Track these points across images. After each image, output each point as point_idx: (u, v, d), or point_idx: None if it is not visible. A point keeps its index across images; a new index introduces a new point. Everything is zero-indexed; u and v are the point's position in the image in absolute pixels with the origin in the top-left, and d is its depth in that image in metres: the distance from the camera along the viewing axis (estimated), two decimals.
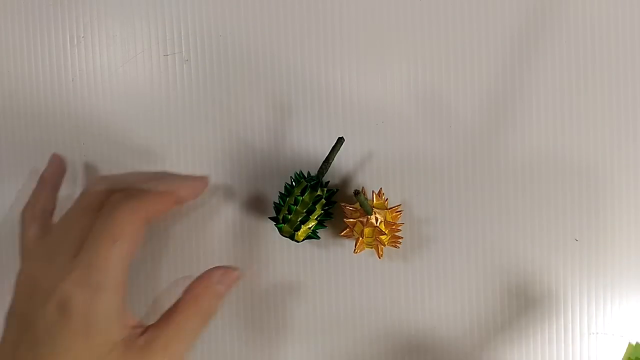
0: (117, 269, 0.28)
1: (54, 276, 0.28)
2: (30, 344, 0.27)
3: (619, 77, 0.36)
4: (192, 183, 0.33)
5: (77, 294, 0.27)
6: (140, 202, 0.29)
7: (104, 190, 0.31)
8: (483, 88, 0.36)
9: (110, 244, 0.28)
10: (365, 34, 0.36)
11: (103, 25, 0.38)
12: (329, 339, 0.37)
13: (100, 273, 0.27)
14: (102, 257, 0.27)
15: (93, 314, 0.27)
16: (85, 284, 0.27)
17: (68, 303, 0.27)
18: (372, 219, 0.33)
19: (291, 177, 0.35)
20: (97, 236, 0.28)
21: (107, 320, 0.27)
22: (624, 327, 0.36)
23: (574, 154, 0.36)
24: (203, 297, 0.30)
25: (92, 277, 0.27)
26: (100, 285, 0.27)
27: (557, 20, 0.36)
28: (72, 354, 0.26)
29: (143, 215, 0.29)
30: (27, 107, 0.38)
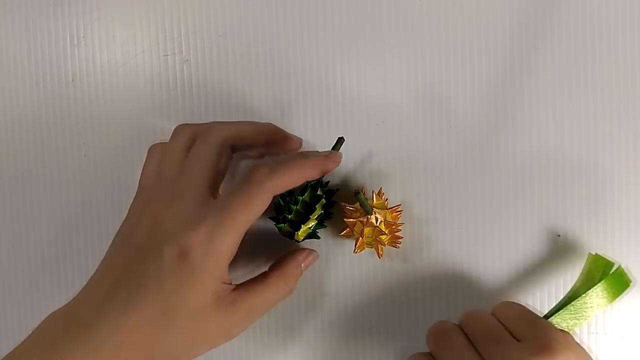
0: (238, 237, 0.30)
1: (178, 225, 0.29)
2: (138, 276, 0.29)
3: (619, 77, 0.36)
4: (324, 160, 0.33)
5: (197, 251, 0.28)
6: (278, 180, 0.30)
7: (225, 137, 0.32)
8: (483, 88, 0.36)
9: (240, 216, 0.29)
10: (365, 34, 0.36)
11: (103, 25, 0.38)
12: (328, 338, 0.37)
13: (222, 239, 0.29)
14: (228, 226, 0.29)
15: (203, 271, 0.29)
16: (207, 245, 0.29)
17: (187, 255, 0.28)
18: (372, 219, 0.33)
19: None
20: (231, 204, 0.29)
21: (212, 278, 0.29)
22: (624, 327, 0.36)
23: (574, 153, 0.36)
24: (291, 274, 0.33)
25: (215, 241, 0.29)
26: (218, 248, 0.29)
27: (557, 20, 0.36)
28: (173, 298, 0.28)
29: (276, 193, 0.30)
30: (28, 107, 0.38)
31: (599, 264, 0.33)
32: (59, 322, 0.29)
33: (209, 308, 0.29)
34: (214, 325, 0.30)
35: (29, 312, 0.36)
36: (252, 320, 0.32)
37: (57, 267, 0.38)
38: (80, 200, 0.38)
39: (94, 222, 0.38)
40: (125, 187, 0.37)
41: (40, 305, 0.37)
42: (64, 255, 0.38)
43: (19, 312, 0.38)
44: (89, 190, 0.37)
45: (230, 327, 0.31)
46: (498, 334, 0.30)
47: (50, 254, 0.38)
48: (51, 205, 0.38)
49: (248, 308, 0.31)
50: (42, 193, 0.38)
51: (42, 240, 0.38)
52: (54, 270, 0.38)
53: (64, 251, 0.38)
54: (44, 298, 0.32)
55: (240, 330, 0.31)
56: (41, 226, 0.38)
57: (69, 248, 0.38)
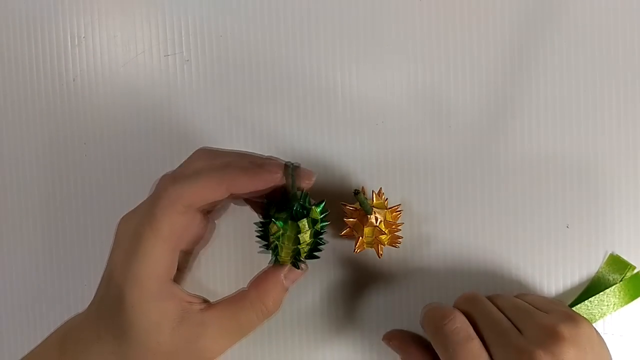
0: (157, 258, 0.28)
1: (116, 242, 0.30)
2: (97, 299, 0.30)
3: (619, 77, 0.36)
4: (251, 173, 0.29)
5: (118, 275, 0.28)
6: (183, 189, 0.28)
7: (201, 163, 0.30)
8: (483, 88, 0.36)
9: (150, 234, 0.28)
10: (365, 34, 0.37)
11: (104, 25, 0.38)
12: (328, 338, 0.37)
13: (138, 264, 0.28)
14: (141, 248, 0.28)
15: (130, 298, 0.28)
16: (126, 270, 0.28)
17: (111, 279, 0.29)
18: (372, 219, 0.33)
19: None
20: (141, 224, 0.28)
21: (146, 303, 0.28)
22: (623, 327, 0.36)
23: (573, 153, 0.36)
24: (270, 295, 0.30)
25: (132, 267, 0.28)
26: (138, 275, 0.28)
27: (557, 20, 0.36)
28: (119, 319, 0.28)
29: (187, 203, 0.28)
30: (29, 107, 0.38)
31: (618, 266, 0.34)
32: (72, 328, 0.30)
33: (169, 328, 0.28)
34: (179, 346, 0.28)
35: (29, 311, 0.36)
36: (227, 346, 0.29)
37: (57, 266, 0.38)
38: (81, 200, 0.38)
39: (95, 222, 0.38)
40: (126, 187, 0.37)
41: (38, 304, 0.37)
42: (64, 255, 0.38)
43: (20, 312, 0.38)
44: (90, 190, 0.37)
45: (200, 352, 0.29)
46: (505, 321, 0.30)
47: (50, 254, 0.38)
48: (52, 205, 0.38)
49: (221, 332, 0.29)
50: (43, 193, 0.38)
51: (43, 240, 0.38)
52: (55, 271, 0.38)
53: (64, 251, 0.38)
54: (43, 298, 0.32)
55: (213, 356, 0.29)
56: (42, 226, 0.38)
57: (69, 248, 0.38)
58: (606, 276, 0.34)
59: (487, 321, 0.29)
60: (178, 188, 0.28)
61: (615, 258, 0.34)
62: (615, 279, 0.34)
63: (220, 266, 0.37)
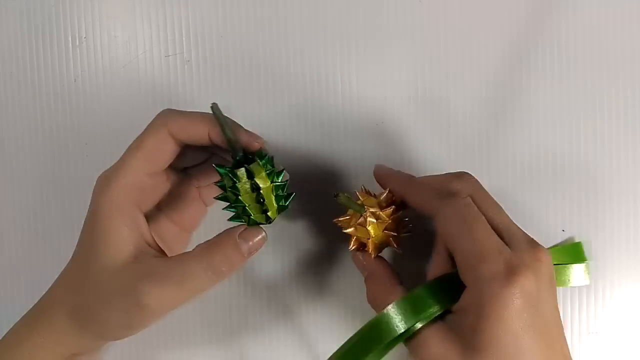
0: (132, 171, 0.30)
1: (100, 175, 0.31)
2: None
3: (618, 77, 0.36)
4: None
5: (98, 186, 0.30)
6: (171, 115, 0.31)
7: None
8: (483, 88, 0.36)
9: (133, 149, 0.30)
10: (366, 35, 0.37)
11: (105, 26, 0.38)
12: (328, 338, 0.37)
13: (116, 171, 0.30)
14: (123, 160, 0.30)
15: (101, 205, 0.30)
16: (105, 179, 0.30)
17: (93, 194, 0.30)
18: (368, 214, 0.31)
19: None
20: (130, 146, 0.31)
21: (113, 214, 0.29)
22: (600, 324, 0.36)
23: (573, 153, 0.36)
24: (219, 248, 0.29)
25: (111, 174, 0.30)
26: (114, 181, 0.30)
27: (557, 20, 0.36)
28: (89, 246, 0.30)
29: (172, 130, 0.30)
30: (30, 108, 0.38)
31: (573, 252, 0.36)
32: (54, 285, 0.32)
33: (123, 258, 0.29)
34: (124, 282, 0.28)
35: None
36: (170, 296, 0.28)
37: (58, 267, 0.38)
38: (82, 200, 0.38)
39: None
40: None
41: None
42: (65, 256, 0.38)
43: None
44: (90, 190, 0.37)
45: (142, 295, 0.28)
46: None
47: (51, 254, 0.38)
48: (52, 205, 0.38)
49: (165, 280, 0.28)
50: (44, 193, 0.38)
51: (43, 240, 0.38)
52: (55, 271, 0.38)
53: (65, 251, 0.38)
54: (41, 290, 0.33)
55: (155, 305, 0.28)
56: (42, 226, 0.38)
57: (70, 247, 0.38)
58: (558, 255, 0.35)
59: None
60: (166, 115, 0.31)
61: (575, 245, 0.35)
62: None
63: None
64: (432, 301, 0.29)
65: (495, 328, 0.27)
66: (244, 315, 0.37)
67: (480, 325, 0.27)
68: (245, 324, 0.37)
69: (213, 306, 0.37)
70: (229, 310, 0.37)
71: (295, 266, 0.37)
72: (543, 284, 0.28)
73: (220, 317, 0.37)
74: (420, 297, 0.29)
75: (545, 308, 0.28)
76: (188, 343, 0.38)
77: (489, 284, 0.27)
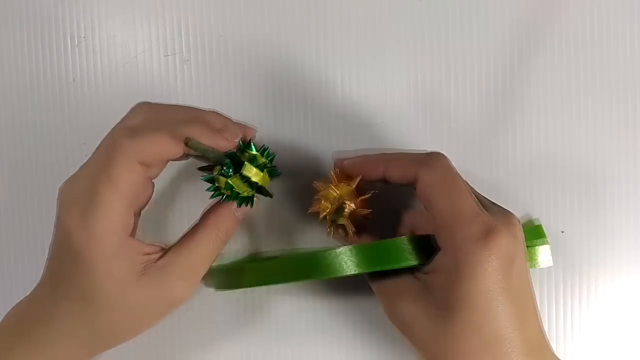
0: (115, 212, 0.28)
1: (65, 204, 0.29)
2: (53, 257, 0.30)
3: (618, 77, 0.36)
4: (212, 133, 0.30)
5: (76, 233, 0.28)
6: (139, 145, 0.28)
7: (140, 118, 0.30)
8: (483, 88, 0.36)
9: (108, 189, 0.28)
10: (365, 35, 0.37)
11: (104, 25, 0.38)
12: (328, 337, 0.37)
13: (97, 219, 0.28)
14: (100, 202, 0.28)
15: (91, 255, 0.28)
16: (84, 227, 0.28)
17: (70, 239, 0.28)
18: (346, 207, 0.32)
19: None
20: (97, 179, 0.28)
21: (107, 259, 0.28)
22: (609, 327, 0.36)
23: (573, 152, 0.36)
24: (222, 221, 0.31)
25: (90, 221, 0.28)
26: (97, 230, 0.28)
27: (557, 20, 0.36)
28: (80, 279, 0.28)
29: (142, 159, 0.28)
30: (28, 107, 0.38)
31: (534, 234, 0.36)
32: (23, 305, 0.30)
33: (132, 283, 0.29)
34: (150, 298, 0.29)
35: None
36: (196, 280, 0.30)
37: None
38: None
39: None
40: None
41: None
42: None
43: None
44: None
45: (172, 294, 0.29)
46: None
47: None
48: (52, 205, 0.38)
49: (185, 269, 0.30)
50: (43, 193, 0.38)
51: (43, 240, 0.38)
52: None
53: None
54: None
55: (184, 294, 0.30)
56: (42, 226, 0.38)
57: None
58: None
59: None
60: (135, 143, 0.28)
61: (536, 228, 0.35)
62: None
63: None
64: (400, 255, 0.29)
65: (470, 287, 0.27)
66: (242, 316, 0.37)
67: (455, 285, 0.27)
68: (245, 322, 0.37)
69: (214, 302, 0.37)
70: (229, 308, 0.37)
71: None
72: (518, 247, 0.28)
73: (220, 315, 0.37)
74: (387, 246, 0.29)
75: (519, 271, 0.28)
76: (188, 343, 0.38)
77: (466, 244, 0.27)
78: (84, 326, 0.29)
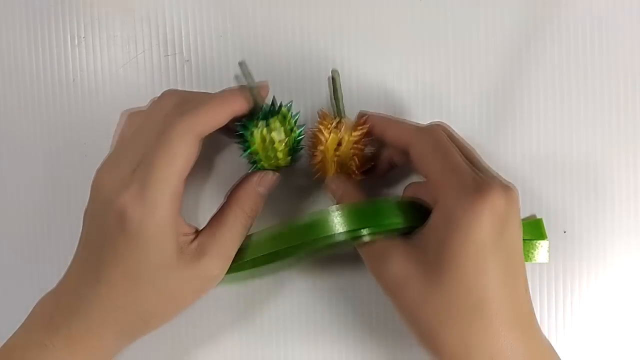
0: (171, 186, 0.29)
1: (113, 187, 0.29)
2: (97, 244, 0.30)
3: (618, 77, 0.36)
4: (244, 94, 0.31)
5: (133, 209, 0.28)
6: (194, 118, 0.29)
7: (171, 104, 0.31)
8: (483, 87, 0.36)
9: (165, 163, 0.28)
10: (366, 34, 0.37)
11: (104, 25, 0.38)
12: (328, 337, 0.37)
13: (155, 194, 0.28)
14: (157, 176, 0.28)
15: (147, 229, 0.28)
16: (141, 202, 0.28)
17: (124, 217, 0.28)
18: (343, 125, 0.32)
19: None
20: (153, 155, 0.29)
21: (161, 234, 0.29)
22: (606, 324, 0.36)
23: (574, 152, 0.36)
24: (246, 199, 0.32)
25: (147, 196, 0.28)
26: (154, 203, 0.28)
27: (557, 20, 0.36)
28: (130, 259, 0.29)
29: (197, 132, 0.29)
30: (28, 107, 0.38)
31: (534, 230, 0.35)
32: (53, 297, 0.31)
33: (174, 262, 0.29)
34: (189, 277, 0.30)
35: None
36: (229, 257, 0.31)
37: (58, 266, 0.38)
38: (81, 200, 0.38)
39: None
40: None
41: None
42: (65, 255, 0.38)
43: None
44: (90, 190, 0.37)
45: (209, 273, 0.31)
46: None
47: (51, 254, 0.38)
48: (52, 205, 0.38)
49: (218, 248, 0.31)
50: (43, 193, 0.38)
51: (43, 240, 0.38)
52: (55, 271, 0.38)
53: (64, 251, 0.38)
54: (38, 297, 0.32)
55: (221, 272, 0.31)
56: (42, 226, 0.38)
57: (70, 247, 0.38)
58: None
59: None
60: (188, 119, 0.29)
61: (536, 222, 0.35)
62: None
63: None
64: (391, 213, 0.29)
65: (461, 242, 0.27)
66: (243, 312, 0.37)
67: (446, 241, 0.27)
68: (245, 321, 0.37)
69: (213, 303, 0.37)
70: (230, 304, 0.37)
71: None
72: (512, 210, 0.28)
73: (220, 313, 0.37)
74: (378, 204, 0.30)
75: (512, 237, 0.28)
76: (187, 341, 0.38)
77: (459, 197, 0.27)
78: (125, 311, 0.30)
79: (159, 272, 0.29)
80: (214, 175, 0.37)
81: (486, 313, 0.27)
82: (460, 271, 0.27)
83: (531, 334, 0.28)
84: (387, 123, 0.33)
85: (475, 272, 0.27)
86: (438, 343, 0.28)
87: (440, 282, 0.27)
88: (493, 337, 0.27)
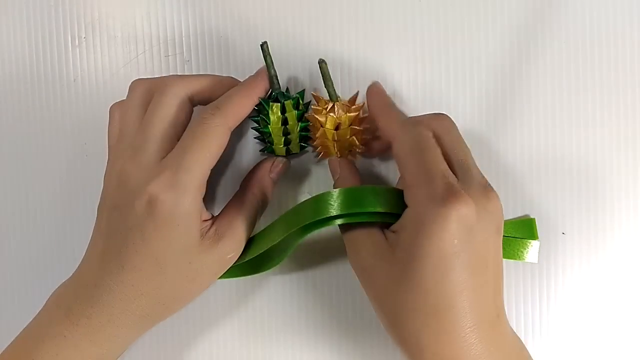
0: (202, 174, 0.30)
1: (142, 176, 0.30)
2: (122, 232, 0.30)
3: (618, 77, 0.36)
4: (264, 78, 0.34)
5: (165, 195, 0.29)
6: (228, 114, 0.31)
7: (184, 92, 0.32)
8: (483, 88, 0.36)
9: (199, 153, 0.30)
10: (365, 34, 0.37)
11: (104, 25, 0.38)
12: (328, 337, 0.37)
13: (187, 178, 0.30)
14: (190, 165, 0.30)
15: (177, 213, 0.30)
16: (173, 187, 0.29)
17: (156, 202, 0.29)
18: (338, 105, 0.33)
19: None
20: (188, 145, 0.30)
21: (189, 218, 0.30)
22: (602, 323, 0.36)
23: (574, 152, 0.36)
24: (257, 184, 0.34)
25: (180, 181, 0.29)
26: (186, 188, 0.30)
27: (557, 20, 0.36)
28: (157, 244, 0.30)
29: (230, 126, 0.31)
30: (29, 107, 0.38)
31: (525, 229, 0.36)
32: (69, 289, 0.32)
33: (196, 247, 0.31)
34: (209, 260, 0.31)
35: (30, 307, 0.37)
36: (243, 241, 0.33)
37: (58, 266, 0.38)
38: (81, 200, 0.38)
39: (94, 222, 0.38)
40: None
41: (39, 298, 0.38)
42: (65, 255, 0.38)
43: (20, 311, 0.38)
44: (90, 190, 0.37)
45: (225, 256, 0.32)
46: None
47: (51, 253, 0.38)
48: (52, 205, 0.38)
49: (233, 232, 0.32)
50: (43, 193, 0.38)
51: (43, 240, 0.38)
52: (55, 270, 0.38)
53: (64, 250, 0.38)
54: (46, 295, 0.32)
55: (235, 255, 0.33)
56: (42, 226, 0.38)
57: (70, 247, 0.38)
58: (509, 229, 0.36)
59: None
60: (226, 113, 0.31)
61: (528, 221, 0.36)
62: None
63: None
64: (375, 200, 0.30)
65: (424, 250, 0.27)
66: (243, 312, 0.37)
67: (412, 243, 0.28)
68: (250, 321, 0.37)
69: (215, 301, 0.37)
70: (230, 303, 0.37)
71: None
72: (485, 219, 0.28)
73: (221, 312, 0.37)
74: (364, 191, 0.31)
75: (483, 242, 0.28)
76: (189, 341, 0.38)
77: (426, 202, 0.28)
78: (148, 297, 0.30)
79: (184, 256, 0.30)
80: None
81: (445, 320, 0.27)
82: (421, 275, 0.27)
83: (496, 340, 0.28)
84: (378, 111, 0.34)
85: (435, 278, 0.27)
86: (398, 334, 0.29)
87: (403, 281, 0.28)
88: (449, 342, 0.27)
